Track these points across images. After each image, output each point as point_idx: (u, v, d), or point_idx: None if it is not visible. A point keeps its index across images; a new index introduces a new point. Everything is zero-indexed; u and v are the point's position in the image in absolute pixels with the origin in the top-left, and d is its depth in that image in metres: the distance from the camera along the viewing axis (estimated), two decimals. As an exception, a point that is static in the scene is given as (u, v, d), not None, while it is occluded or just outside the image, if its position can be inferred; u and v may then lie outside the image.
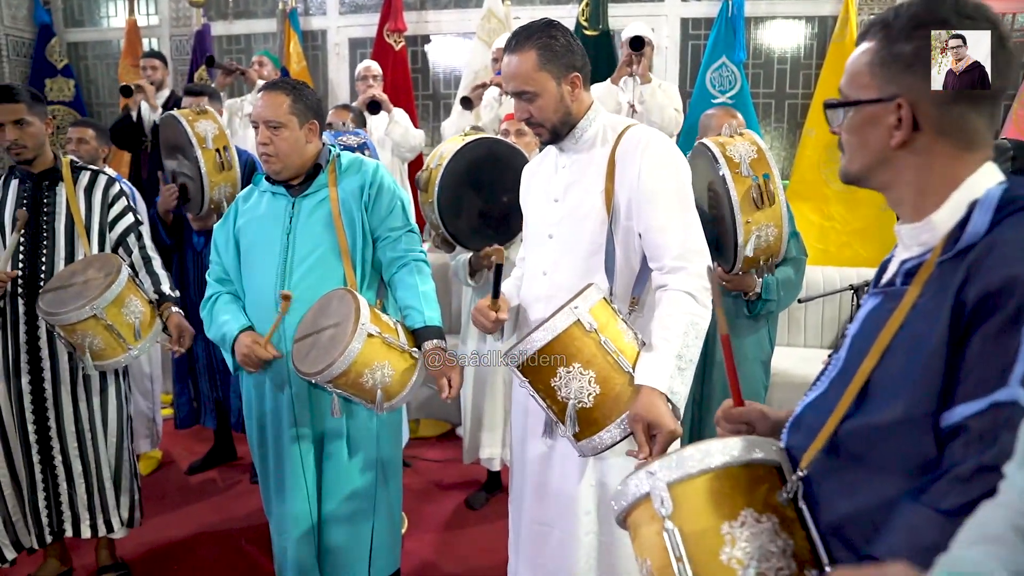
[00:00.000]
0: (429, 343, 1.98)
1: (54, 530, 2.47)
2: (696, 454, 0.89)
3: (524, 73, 1.69)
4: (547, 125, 1.74)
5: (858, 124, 0.94)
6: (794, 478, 0.89)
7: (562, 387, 1.53)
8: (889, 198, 0.97)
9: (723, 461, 0.88)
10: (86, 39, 5.77)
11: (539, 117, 1.73)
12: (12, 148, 2.30)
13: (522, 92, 1.70)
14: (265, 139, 2.00)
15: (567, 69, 1.71)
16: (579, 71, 1.73)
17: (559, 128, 1.75)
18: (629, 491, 0.91)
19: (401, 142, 4.20)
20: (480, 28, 4.63)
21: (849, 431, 0.87)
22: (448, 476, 3.52)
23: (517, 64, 1.69)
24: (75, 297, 2.12)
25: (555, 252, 1.79)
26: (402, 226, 2.13)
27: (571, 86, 1.72)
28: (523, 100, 1.71)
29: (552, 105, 1.71)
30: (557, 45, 1.69)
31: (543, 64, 1.68)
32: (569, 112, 1.74)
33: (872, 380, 0.86)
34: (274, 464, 2.15)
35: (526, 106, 1.72)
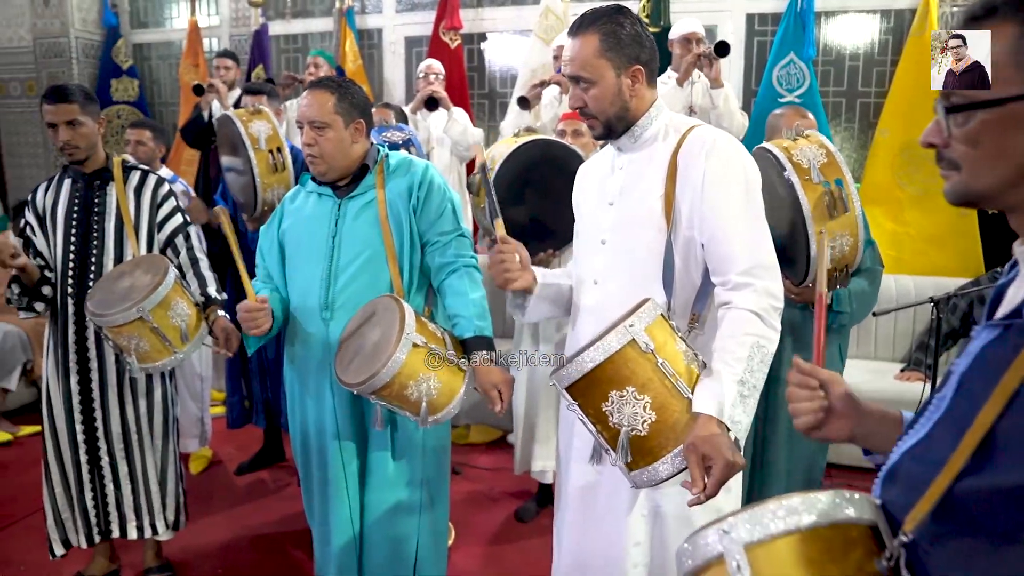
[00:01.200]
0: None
1: (101, 530, 2.47)
2: (777, 510, 0.77)
3: (583, 58, 1.57)
4: (601, 118, 1.61)
5: (996, 128, 0.77)
6: (895, 543, 0.76)
7: (614, 412, 1.39)
8: (1017, 220, 0.82)
9: (810, 521, 0.75)
10: (150, 40, 5.87)
11: (593, 107, 1.60)
12: (65, 148, 2.29)
13: (578, 78, 1.58)
14: (310, 140, 1.94)
15: (630, 61, 1.58)
16: (643, 65, 1.60)
17: (613, 123, 1.62)
18: (699, 551, 0.79)
19: (460, 140, 4.13)
20: (538, 25, 4.53)
21: (967, 492, 0.73)
22: (498, 485, 3.43)
23: (578, 47, 1.58)
24: (121, 299, 2.09)
25: (608, 260, 1.66)
26: (452, 230, 2.04)
27: (632, 79, 1.59)
28: (579, 87, 1.59)
29: (608, 97, 1.58)
30: (623, 33, 1.57)
31: (604, 51, 1.56)
32: (627, 107, 1.61)
33: (996, 432, 0.72)
34: (317, 473, 2.09)
35: (580, 94, 1.60)
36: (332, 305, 1.95)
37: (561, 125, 3.00)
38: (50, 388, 2.39)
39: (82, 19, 5.63)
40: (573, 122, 2.98)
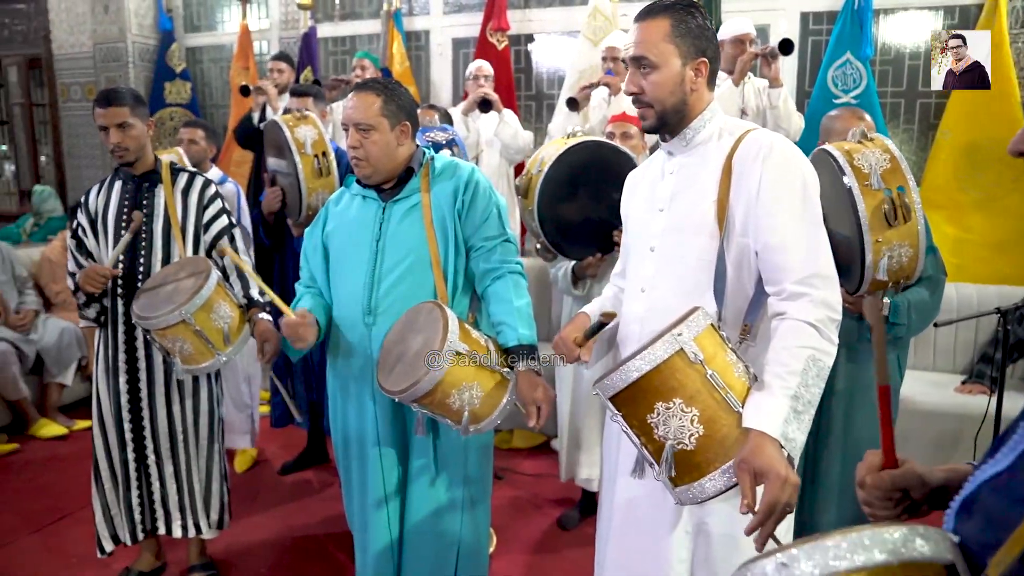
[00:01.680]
0: (522, 364, 1.85)
1: (147, 527, 2.51)
2: (843, 544, 0.71)
3: (650, 39, 1.51)
4: (657, 107, 1.54)
5: None
6: None
7: (659, 425, 1.34)
8: None
9: (880, 559, 0.69)
10: (202, 43, 5.98)
11: (651, 94, 1.54)
12: (115, 150, 2.33)
13: (642, 59, 1.52)
14: (355, 142, 1.92)
15: (697, 52, 1.53)
16: (709, 61, 1.55)
17: (669, 115, 1.55)
18: None
19: (510, 143, 4.10)
20: (586, 26, 4.47)
21: None
22: (542, 491, 3.38)
23: (644, 30, 1.52)
24: (165, 301, 2.11)
25: (656, 267, 1.61)
26: (497, 235, 2.01)
27: (695, 72, 1.54)
28: (640, 70, 1.53)
29: (669, 84, 1.53)
30: (693, 23, 1.52)
31: (673, 36, 1.51)
32: (685, 100, 1.55)
33: None
34: (357, 478, 2.08)
35: (639, 79, 1.54)
36: (375, 310, 1.93)
37: (610, 127, 2.95)
38: (99, 387, 2.44)
39: (139, 24, 5.77)
40: (622, 124, 2.93)
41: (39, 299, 4.34)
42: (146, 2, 5.79)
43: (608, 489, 1.78)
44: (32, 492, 3.42)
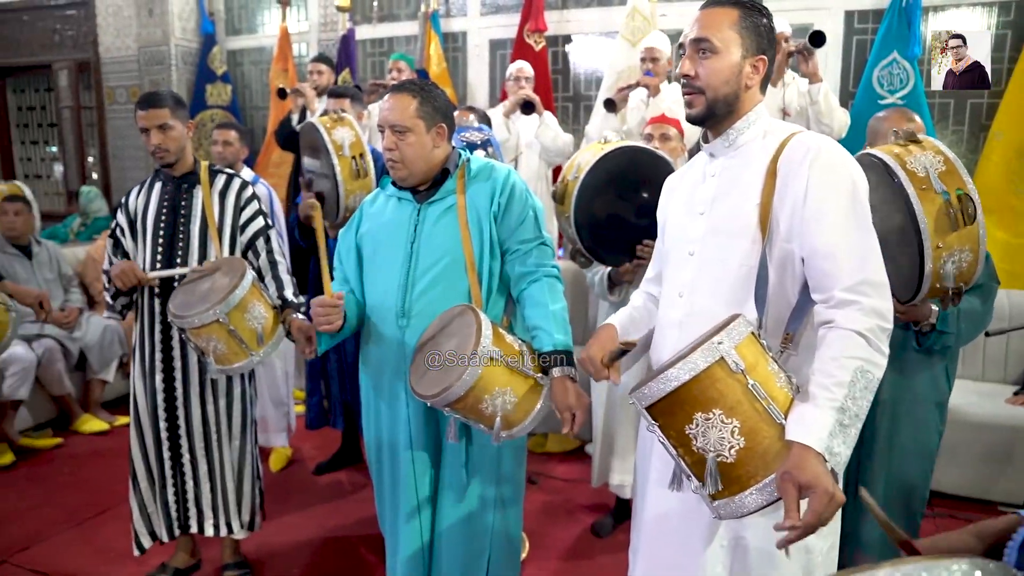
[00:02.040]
0: (557, 370, 1.82)
1: (181, 524, 2.53)
2: (894, 575, 0.67)
3: (715, 24, 1.47)
4: (708, 93, 1.49)
5: None
6: None
7: (699, 436, 1.29)
8: None
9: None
10: (243, 46, 6.06)
11: (704, 79, 1.49)
12: (156, 152, 2.36)
13: (703, 41, 1.47)
14: (391, 144, 1.91)
15: (759, 49, 1.49)
16: (768, 61, 1.51)
17: (719, 105, 1.50)
18: None
19: (551, 146, 4.07)
20: (624, 27, 4.42)
21: None
22: (575, 497, 3.35)
23: (711, 15, 1.49)
24: (200, 301, 2.12)
25: (695, 272, 1.56)
26: (533, 238, 1.98)
27: (753, 69, 1.50)
28: (698, 53, 1.49)
29: (726, 73, 1.48)
30: (759, 21, 1.49)
31: (739, 27, 1.48)
32: (738, 95, 1.50)
33: None
34: (389, 482, 2.06)
35: (696, 62, 1.49)
36: (408, 312, 1.92)
37: (648, 129, 2.90)
38: (136, 386, 2.47)
39: (182, 28, 5.87)
40: (661, 126, 2.88)
41: (83, 297, 4.43)
42: (189, 6, 5.89)
43: (640, 498, 1.74)
44: (74, 486, 3.49)
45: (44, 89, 7.20)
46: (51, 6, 6.61)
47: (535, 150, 4.14)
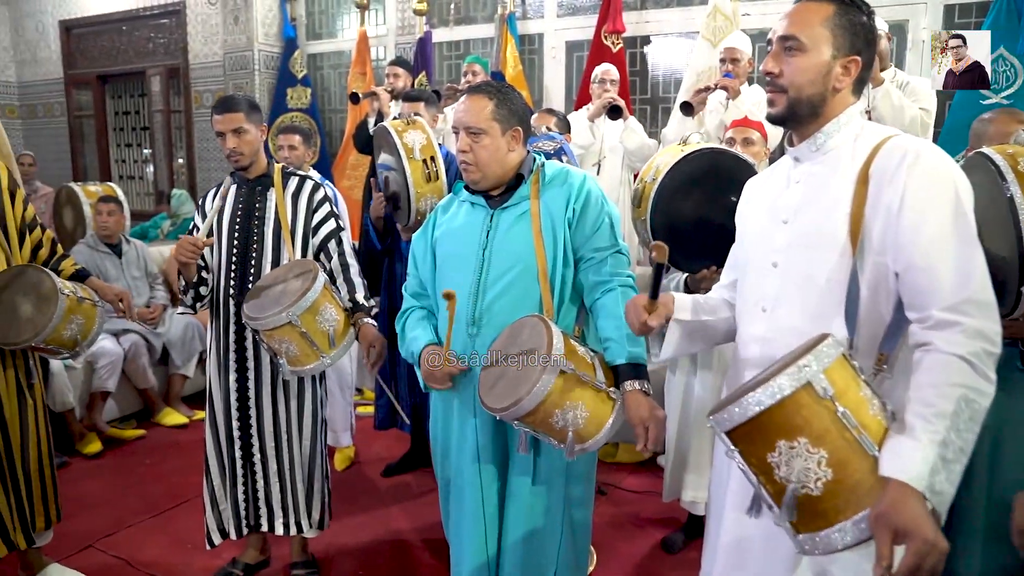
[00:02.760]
0: (630, 383, 1.75)
1: (251, 523, 2.56)
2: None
3: (806, 20, 1.38)
4: (791, 92, 1.40)
5: None
6: None
7: (781, 465, 1.20)
8: None
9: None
10: (323, 50, 6.18)
11: (788, 78, 1.40)
12: (231, 155, 2.40)
13: (790, 38, 1.38)
14: (465, 146, 1.88)
15: (852, 49, 1.39)
16: (862, 63, 1.41)
17: (802, 106, 1.41)
18: None
19: (635, 151, 3.98)
20: (705, 27, 4.29)
21: None
22: (645, 510, 3.25)
23: (803, 10, 1.40)
24: (273, 303, 2.14)
25: (779, 285, 1.46)
26: (609, 246, 1.91)
27: (844, 69, 1.40)
28: (785, 49, 1.40)
29: (812, 72, 1.39)
30: (857, 19, 1.39)
31: (832, 24, 1.38)
32: (824, 97, 1.40)
33: None
34: (455, 492, 2.03)
35: (781, 59, 1.40)
36: (479, 320, 1.88)
37: (730, 132, 2.79)
38: (211, 384, 2.51)
39: (265, 33, 6.03)
40: (744, 129, 2.77)
41: (167, 295, 4.59)
42: (272, 12, 6.05)
43: (715, 522, 1.65)
44: (154, 477, 3.60)
45: (138, 94, 7.54)
46: (146, 16, 6.91)
47: (618, 155, 4.05)
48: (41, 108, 7.96)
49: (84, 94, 7.74)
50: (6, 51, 7.96)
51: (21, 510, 2.45)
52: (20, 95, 8.06)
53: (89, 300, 2.46)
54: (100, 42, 7.40)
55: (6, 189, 2.47)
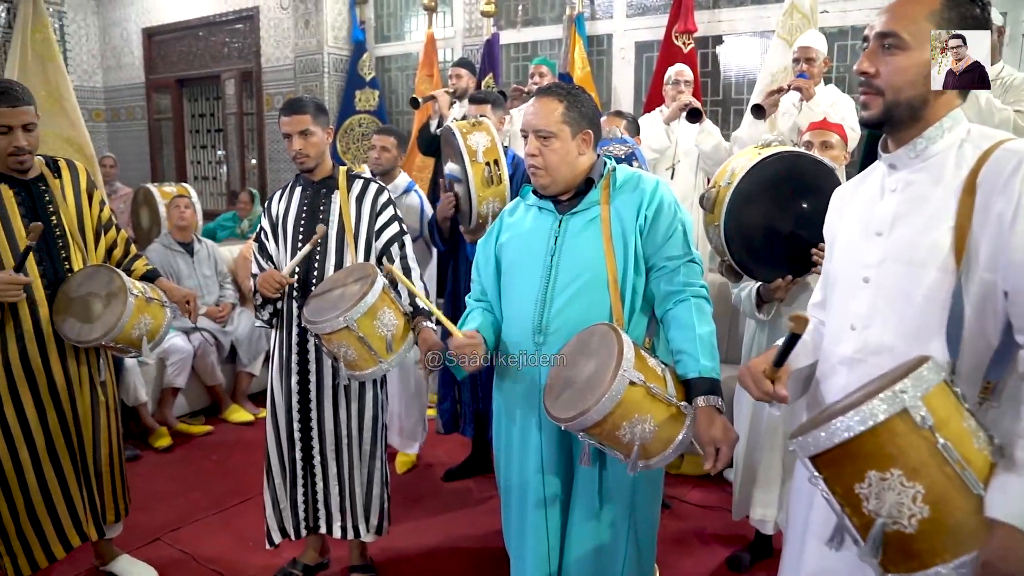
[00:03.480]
0: (702, 399, 1.66)
1: (310, 525, 2.56)
2: None
3: (908, 15, 1.28)
4: (888, 95, 1.29)
5: None
6: None
7: (871, 497, 1.10)
8: None
9: None
10: (391, 53, 6.23)
11: (887, 79, 1.29)
12: (297, 157, 2.40)
13: (890, 35, 1.28)
14: (534, 150, 1.82)
15: None
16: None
17: (900, 109, 1.30)
18: None
19: (711, 154, 3.86)
20: (781, 25, 4.13)
21: None
22: (711, 525, 3.14)
23: (905, 4, 1.29)
24: (332, 307, 2.12)
25: (872, 302, 1.35)
26: (682, 255, 1.83)
27: None
28: (883, 47, 1.29)
29: (912, 73, 1.28)
30: (968, 12, 1.28)
31: (938, 17, 1.27)
32: (925, 99, 1.29)
33: None
34: (517, 503, 1.98)
35: (878, 58, 1.29)
36: (546, 329, 1.82)
37: (808, 135, 2.66)
38: (273, 385, 2.52)
39: (334, 36, 6.12)
40: (823, 132, 2.63)
41: (236, 294, 4.69)
42: (342, 16, 6.13)
43: (793, 548, 1.55)
44: (220, 473, 3.66)
45: (213, 97, 7.76)
46: (222, 21, 7.11)
47: (693, 159, 3.94)
48: (124, 111, 8.29)
49: (163, 98, 8.02)
50: (94, 58, 8.31)
51: (92, 503, 2.51)
52: (106, 99, 8.41)
53: (158, 300, 2.51)
54: (179, 47, 7.65)
55: (84, 190, 2.54)
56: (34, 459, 2.38)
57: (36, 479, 2.39)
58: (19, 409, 2.34)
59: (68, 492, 2.45)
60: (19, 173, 2.37)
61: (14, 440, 2.34)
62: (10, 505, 2.36)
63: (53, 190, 2.43)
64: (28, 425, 2.35)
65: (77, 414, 2.44)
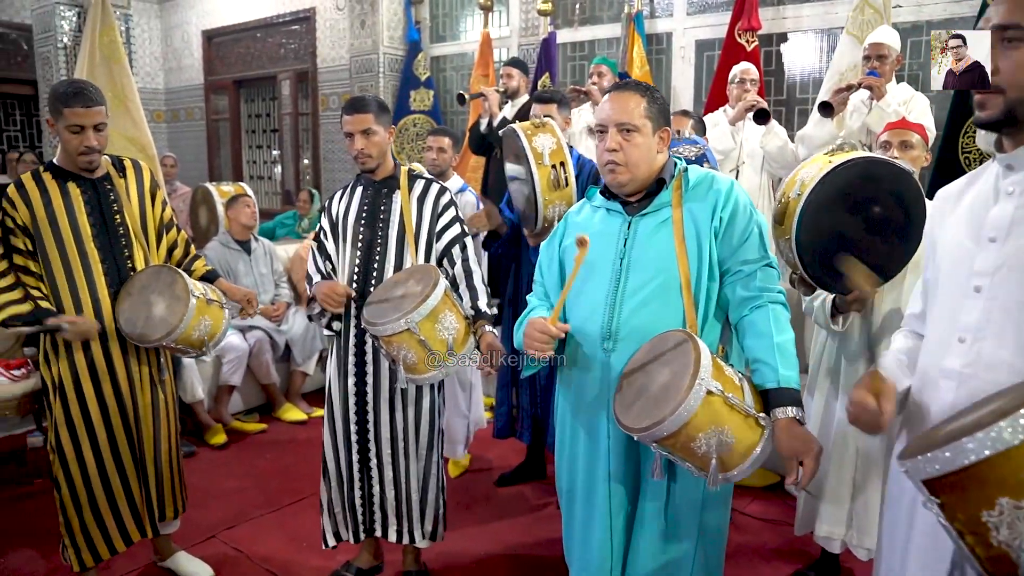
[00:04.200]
0: (781, 410, 1.57)
1: (366, 528, 2.53)
2: None
3: None
4: (1010, 93, 1.19)
5: None
6: None
7: (1000, 527, 1.00)
8: None
9: None
10: (446, 53, 6.22)
11: (1011, 77, 1.18)
12: (359, 156, 2.37)
13: (1011, 27, 1.17)
14: (615, 144, 1.74)
15: None
16: None
17: (1021, 108, 1.20)
18: None
19: (777, 156, 3.74)
20: (851, 21, 3.98)
21: None
22: (772, 539, 3.02)
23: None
24: (393, 309, 2.08)
25: (984, 313, 1.25)
26: (758, 258, 1.74)
27: None
28: (1004, 41, 1.19)
29: None
30: None
31: None
32: None
33: None
34: (581, 515, 1.90)
35: (998, 58, 1.19)
36: (615, 335, 1.75)
37: (886, 135, 2.53)
38: (331, 387, 2.50)
39: (390, 36, 6.13)
40: (902, 132, 2.50)
41: (291, 292, 4.71)
42: (397, 16, 6.13)
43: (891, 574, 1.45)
44: (274, 472, 3.67)
45: (269, 98, 7.87)
46: (279, 23, 7.20)
47: (757, 160, 3.82)
48: (183, 112, 8.46)
49: (221, 98, 8.16)
50: (156, 60, 8.51)
51: (151, 500, 2.52)
52: (166, 100, 8.60)
53: (218, 302, 2.51)
54: (237, 49, 7.77)
55: (148, 190, 2.55)
56: (97, 455, 2.40)
57: (99, 475, 2.41)
58: (83, 407, 2.37)
59: (129, 488, 2.47)
60: (87, 172, 2.39)
61: (78, 436, 2.37)
62: (74, 499, 2.39)
63: (118, 189, 2.45)
64: (92, 422, 2.38)
65: (138, 412, 2.46)
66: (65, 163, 2.38)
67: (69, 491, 2.39)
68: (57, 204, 2.33)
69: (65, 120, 2.27)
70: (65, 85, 2.30)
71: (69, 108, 2.26)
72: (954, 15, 3.98)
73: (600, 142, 1.80)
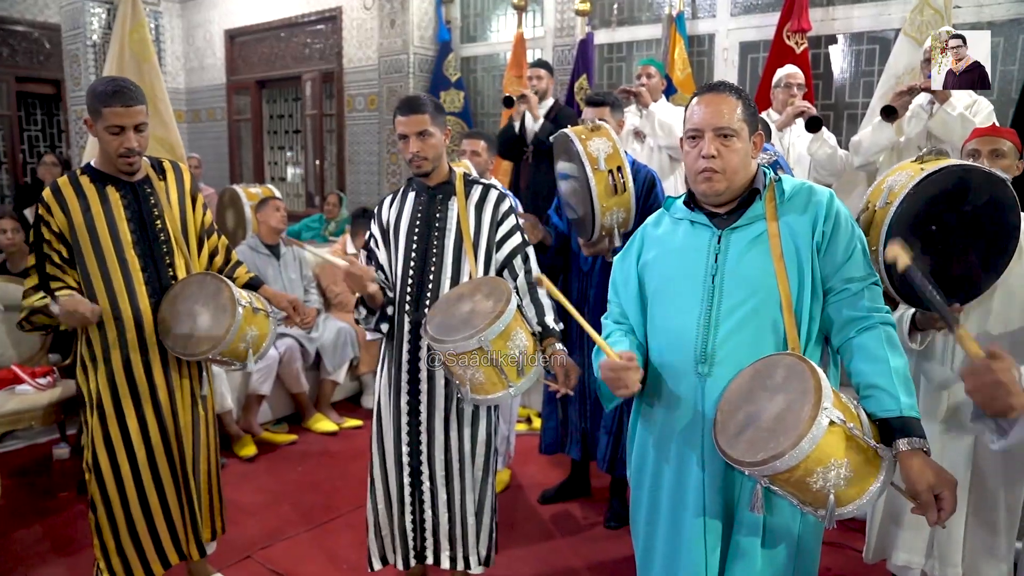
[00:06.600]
0: (904, 442, 1.42)
1: (417, 553, 2.38)
2: None
3: None
4: None
5: None
6: None
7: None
8: None
9: None
10: (477, 53, 6.09)
11: None
12: (414, 159, 2.21)
13: None
14: (713, 151, 1.60)
15: None
16: None
17: None
18: None
19: (826, 163, 3.60)
20: (909, 23, 3.81)
21: None
22: (837, 565, 2.86)
23: None
24: (462, 325, 1.94)
25: None
26: (864, 276, 1.60)
27: None
28: None
29: None
30: None
31: None
32: None
33: None
34: (665, 550, 1.75)
35: None
36: (711, 358, 1.60)
37: (973, 143, 2.37)
38: (380, 403, 2.35)
39: (420, 36, 6.00)
40: (992, 139, 2.34)
41: (321, 299, 4.58)
42: (428, 15, 6.01)
43: None
44: (307, 486, 3.54)
45: (292, 99, 7.77)
46: (304, 23, 7.09)
47: (804, 166, 3.67)
48: (204, 112, 8.37)
49: (243, 99, 8.06)
50: (178, 59, 8.42)
51: (193, 520, 2.39)
52: (187, 100, 8.51)
53: (263, 311, 2.38)
54: (260, 49, 7.67)
55: (188, 193, 2.43)
56: (135, 474, 2.28)
57: (137, 494, 2.29)
58: (121, 422, 2.25)
59: (168, 508, 2.34)
60: (126, 175, 2.27)
61: (117, 456, 2.25)
62: (111, 521, 2.27)
63: (158, 192, 2.33)
64: (130, 439, 2.26)
65: (179, 428, 2.33)
66: (103, 166, 2.26)
67: (106, 512, 2.26)
68: (96, 210, 2.21)
69: (104, 121, 2.15)
70: (104, 83, 2.18)
71: (109, 108, 2.14)
72: (1019, 15, 3.82)
73: (692, 148, 1.65)
